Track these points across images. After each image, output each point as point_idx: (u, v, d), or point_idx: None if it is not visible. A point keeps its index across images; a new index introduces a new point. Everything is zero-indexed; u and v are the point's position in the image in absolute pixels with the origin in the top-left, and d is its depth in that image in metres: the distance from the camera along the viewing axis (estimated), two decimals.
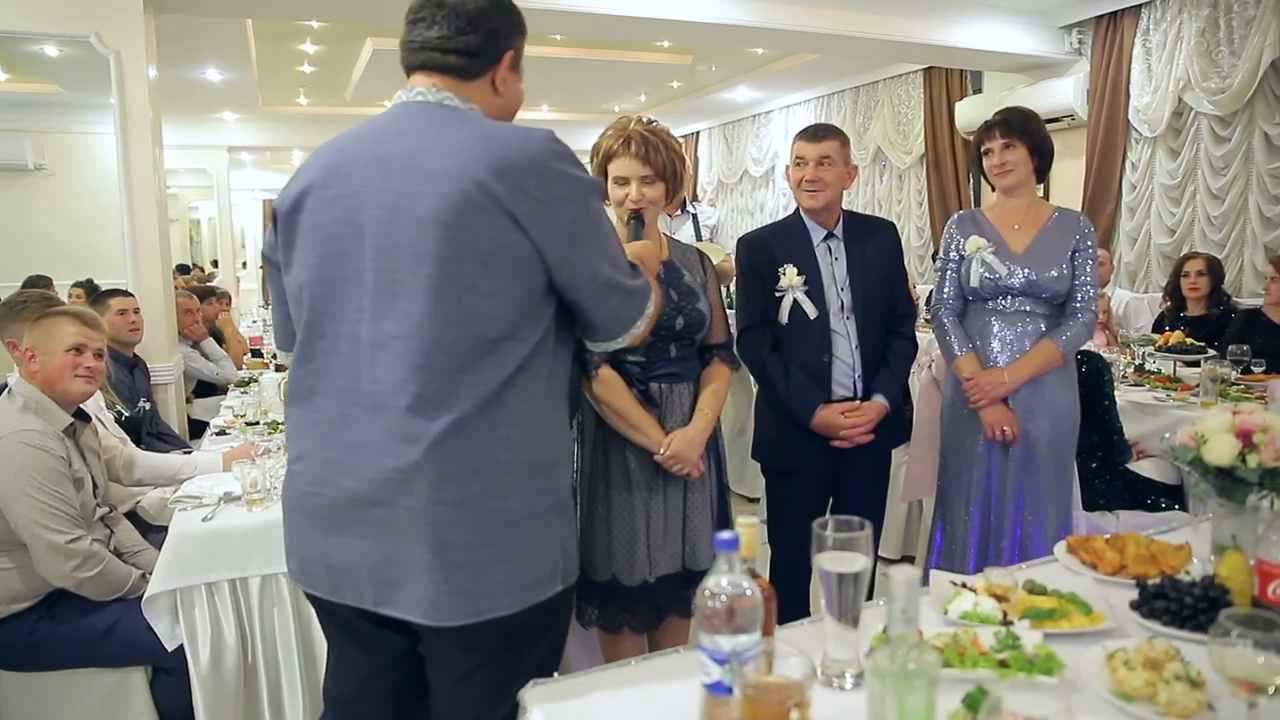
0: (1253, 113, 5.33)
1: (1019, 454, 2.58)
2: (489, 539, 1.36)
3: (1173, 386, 3.75)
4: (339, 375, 1.39)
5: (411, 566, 1.35)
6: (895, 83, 8.17)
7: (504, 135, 1.38)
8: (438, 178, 1.32)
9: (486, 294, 1.34)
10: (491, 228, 1.32)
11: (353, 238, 1.36)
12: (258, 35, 6.73)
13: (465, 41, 1.43)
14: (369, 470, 1.35)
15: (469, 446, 1.34)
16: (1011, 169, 2.61)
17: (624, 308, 1.48)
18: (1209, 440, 1.70)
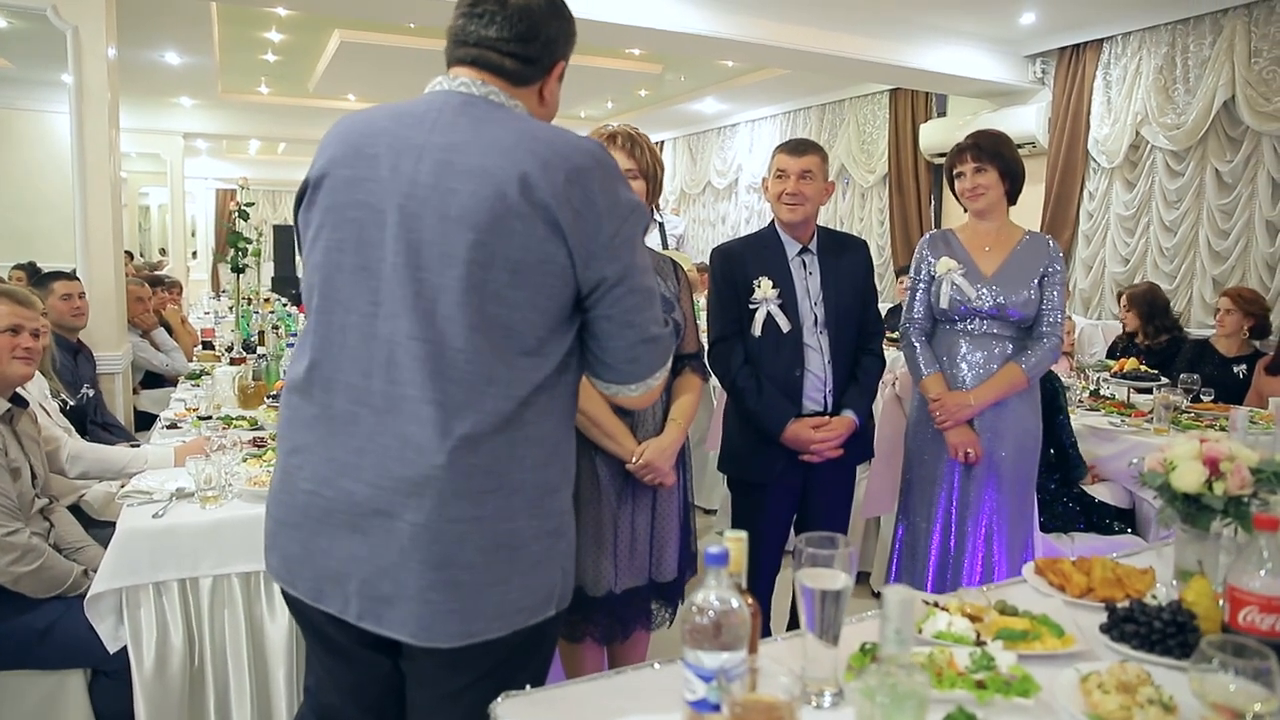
0: (1205, 149, 5.48)
1: (982, 474, 2.61)
2: (493, 560, 1.29)
3: (1127, 412, 3.82)
4: (347, 369, 1.31)
5: (408, 583, 1.27)
6: (861, 102, 8.26)
7: (550, 137, 1.30)
8: (475, 175, 1.25)
9: (513, 304, 1.26)
10: (527, 235, 1.24)
11: (374, 225, 1.29)
12: (221, 19, 6.58)
13: (524, 47, 1.36)
14: (374, 476, 1.28)
15: (485, 464, 1.27)
16: (983, 192, 2.64)
17: (645, 351, 1.37)
18: (1177, 467, 1.73)
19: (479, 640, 1.29)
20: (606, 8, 5.09)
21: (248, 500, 2.40)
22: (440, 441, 1.25)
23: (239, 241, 4.96)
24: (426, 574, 1.26)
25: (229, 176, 16.38)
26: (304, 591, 1.36)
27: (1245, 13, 5.18)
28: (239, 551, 2.29)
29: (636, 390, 1.41)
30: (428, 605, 1.26)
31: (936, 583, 2.64)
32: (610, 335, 1.35)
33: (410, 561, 1.26)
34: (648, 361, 1.38)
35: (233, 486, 2.44)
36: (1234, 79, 5.21)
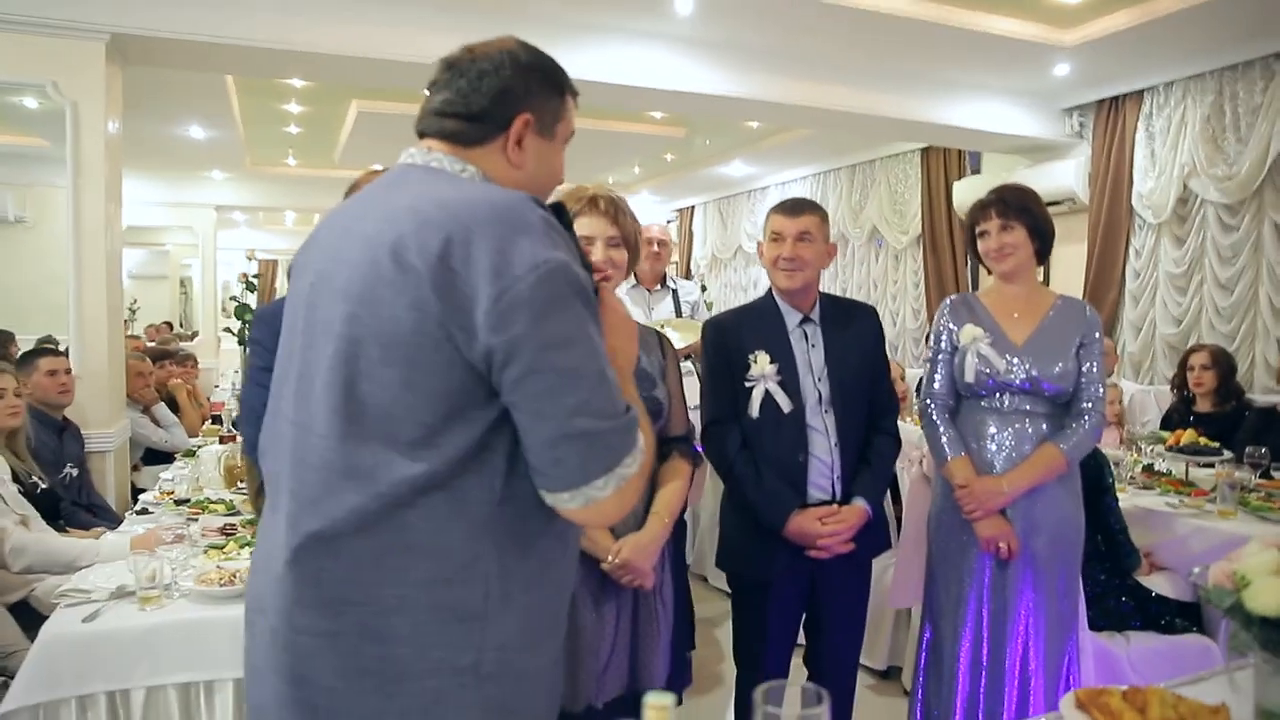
0: (1261, 201, 5.15)
1: (1017, 570, 2.28)
2: (357, 688, 1.10)
3: (1185, 491, 3.45)
4: (272, 460, 1.25)
5: (268, 694, 1.16)
6: (893, 161, 8.05)
7: (451, 196, 1.14)
8: (359, 243, 1.14)
9: (385, 384, 1.10)
10: (394, 304, 1.08)
11: (295, 312, 1.24)
12: (240, 93, 6.62)
13: (466, 105, 1.24)
14: (262, 574, 1.20)
15: (342, 572, 1.10)
16: (1011, 252, 2.36)
17: (569, 450, 1.09)
18: (1252, 584, 1.41)
19: None
20: (623, 70, 4.96)
21: (195, 601, 2.17)
22: (288, 535, 1.14)
23: (246, 314, 4.84)
24: (281, 688, 1.14)
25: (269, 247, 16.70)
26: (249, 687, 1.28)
27: None
28: (178, 659, 2.06)
29: (573, 501, 1.11)
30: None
31: (968, 699, 2.30)
32: (524, 429, 1.11)
33: (269, 669, 1.16)
34: (574, 464, 1.09)
35: (182, 585, 2.21)
36: None
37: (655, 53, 5.02)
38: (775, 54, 5.27)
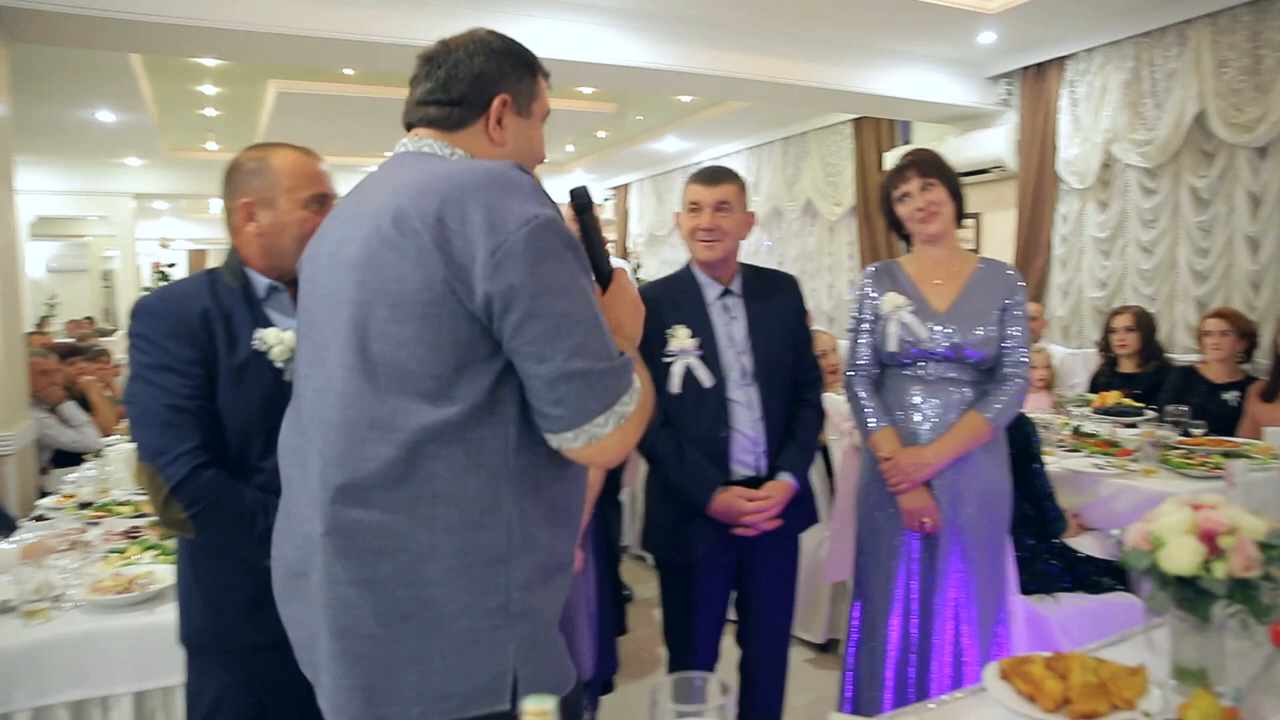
0: (1179, 165, 5.23)
1: (946, 541, 2.26)
2: (398, 633, 1.16)
3: (1111, 451, 3.49)
4: (289, 434, 1.34)
5: (319, 650, 1.22)
6: (825, 133, 8.04)
7: (447, 169, 1.24)
8: (362, 219, 1.24)
9: (398, 342, 1.17)
10: (400, 266, 1.17)
11: (309, 294, 1.32)
12: (150, 74, 6.33)
13: (445, 92, 1.35)
14: (298, 537, 1.26)
15: (375, 521, 1.17)
16: (937, 210, 2.31)
17: (570, 390, 1.16)
18: (1166, 544, 1.40)
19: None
20: (551, 44, 4.84)
21: (88, 612, 2.04)
22: (322, 492, 1.20)
23: None
24: (328, 642, 1.19)
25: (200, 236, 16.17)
26: (302, 661, 1.33)
27: (1210, 22, 4.95)
28: (67, 675, 1.94)
29: (576, 440, 1.18)
30: (333, 679, 1.19)
31: (898, 672, 2.28)
32: (525, 374, 1.19)
33: (318, 626, 1.21)
34: (574, 404, 1.17)
35: (71, 596, 2.09)
36: (1203, 91, 4.97)
37: (583, 26, 4.90)
38: (705, 25, 5.19)
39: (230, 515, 1.54)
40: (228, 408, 1.58)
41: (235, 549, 1.58)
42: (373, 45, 4.57)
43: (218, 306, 1.61)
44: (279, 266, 1.68)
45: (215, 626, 1.63)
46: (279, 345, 1.60)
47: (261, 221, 1.65)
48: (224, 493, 1.54)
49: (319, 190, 1.69)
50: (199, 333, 1.57)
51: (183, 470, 1.52)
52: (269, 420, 1.59)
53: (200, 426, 1.55)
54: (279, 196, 1.65)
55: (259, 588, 1.58)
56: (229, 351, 1.59)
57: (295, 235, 1.65)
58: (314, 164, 1.71)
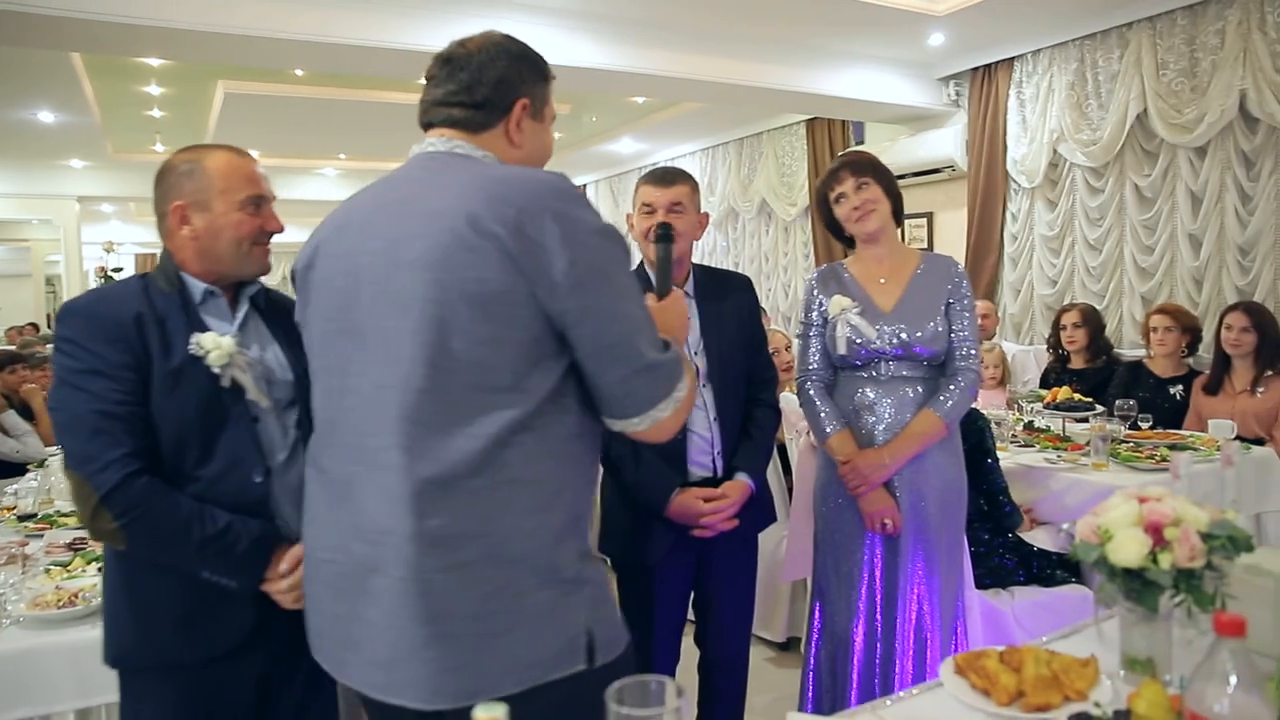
0: (1123, 164, 5.35)
1: (907, 539, 2.26)
2: (488, 610, 1.23)
3: (1063, 446, 3.56)
4: (347, 432, 1.32)
5: (404, 643, 1.23)
6: (779, 134, 8.10)
7: (505, 175, 1.32)
8: (428, 218, 1.26)
9: (479, 340, 1.24)
10: (480, 268, 1.22)
11: (352, 289, 1.32)
12: (92, 74, 6.18)
13: (470, 95, 1.40)
14: (370, 533, 1.27)
15: (464, 508, 1.23)
16: (873, 208, 2.33)
17: (638, 382, 1.32)
18: (1114, 537, 1.42)
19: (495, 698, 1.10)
20: None
21: (29, 627, 1.98)
22: (411, 488, 1.23)
23: None
24: (419, 630, 1.23)
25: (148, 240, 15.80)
26: (331, 664, 1.35)
27: (1149, 25, 5.07)
28: (7, 694, 1.87)
29: (642, 424, 1.35)
30: (427, 664, 1.23)
31: (863, 672, 2.29)
32: (598, 371, 1.30)
33: (402, 619, 1.23)
34: (644, 394, 1.33)
35: (11, 610, 2.02)
36: (1144, 92, 5.09)
37: (535, 27, 4.87)
38: (656, 27, 5.19)
39: (163, 525, 1.50)
40: (162, 414, 1.53)
41: (169, 560, 1.54)
42: (323, 46, 4.51)
43: (151, 310, 1.57)
44: (216, 270, 1.64)
45: (145, 643, 1.58)
46: (216, 350, 1.56)
47: (196, 225, 1.61)
48: (157, 502, 1.49)
49: (254, 192, 1.65)
50: (131, 336, 1.53)
51: (113, 478, 1.46)
52: (205, 427, 1.56)
53: (132, 433, 1.50)
54: (214, 199, 1.61)
55: (192, 600, 1.56)
56: (163, 356, 1.54)
57: (231, 238, 1.62)
58: (249, 165, 1.67)
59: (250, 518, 1.57)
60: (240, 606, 1.58)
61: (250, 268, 1.68)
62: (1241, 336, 3.90)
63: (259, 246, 1.67)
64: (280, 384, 1.68)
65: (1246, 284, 4.76)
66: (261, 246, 1.68)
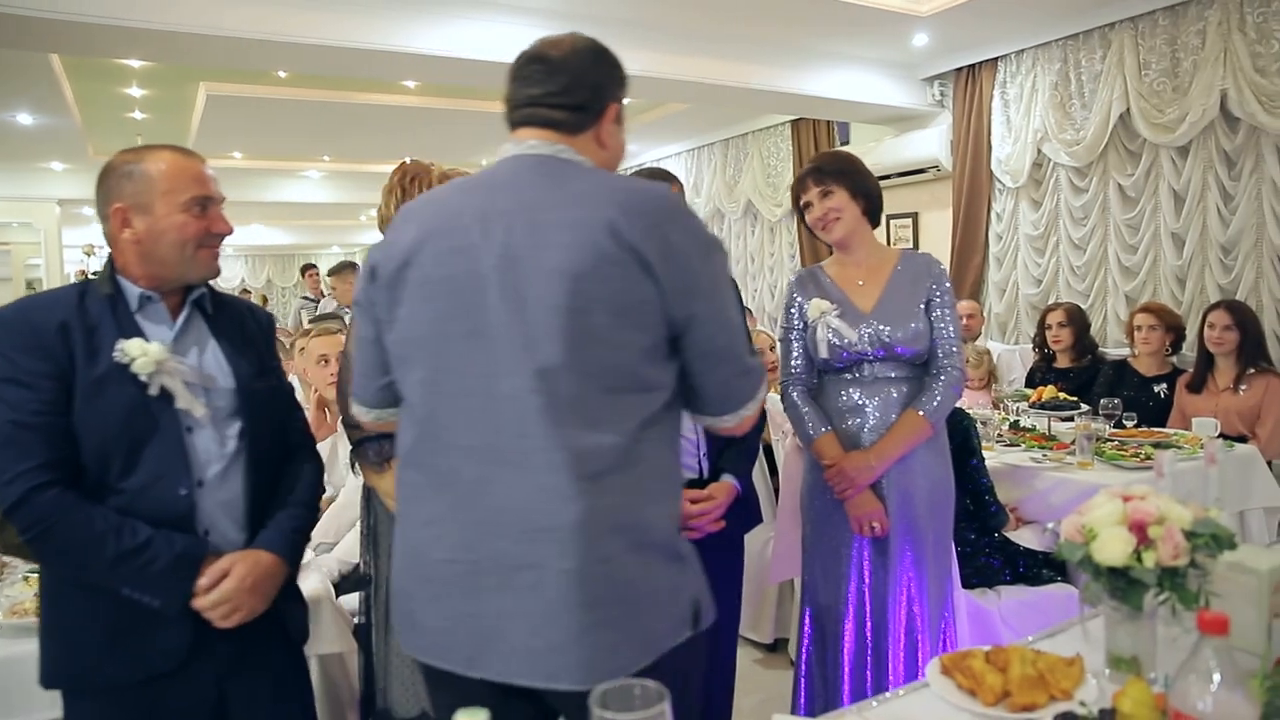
0: (1106, 164, 5.37)
1: (896, 540, 2.26)
2: (637, 593, 1.33)
3: (1048, 445, 3.57)
4: (471, 433, 1.34)
5: (567, 629, 1.29)
6: (764, 135, 8.11)
7: (626, 185, 1.40)
8: (565, 228, 1.31)
9: (617, 345, 1.33)
10: (623, 279, 1.31)
11: (476, 290, 1.33)
12: (73, 76, 6.13)
13: (569, 97, 1.43)
14: (519, 531, 1.31)
15: (617, 502, 1.32)
16: (837, 218, 2.32)
17: (737, 383, 1.45)
18: (1099, 536, 1.42)
19: (634, 671, 1.31)
20: (491, 47, 4.79)
21: (7, 635, 1.95)
22: (577, 487, 1.29)
23: None
24: (584, 617, 1.29)
25: None
26: (456, 662, 1.36)
27: (1131, 26, 5.10)
28: None
29: (731, 420, 1.48)
30: (589, 648, 1.29)
31: (855, 673, 2.29)
32: (705, 371, 1.41)
33: (565, 609, 1.29)
34: (741, 394, 1.46)
35: None
36: (1127, 92, 5.11)
37: (519, 29, 4.86)
38: (641, 27, 5.19)
39: (73, 540, 1.45)
40: (84, 424, 1.49)
41: (84, 576, 1.50)
42: (306, 47, 4.48)
43: (81, 317, 1.52)
44: (160, 274, 1.60)
45: (74, 664, 1.54)
46: (143, 357, 1.51)
47: (137, 228, 1.56)
48: (65, 516, 1.45)
49: (199, 193, 1.60)
50: (53, 345, 1.48)
51: (17, 492, 1.43)
52: (130, 437, 1.51)
53: (46, 444, 1.46)
54: (155, 201, 1.56)
55: (120, 618, 1.51)
56: (88, 364, 1.49)
57: (174, 240, 1.57)
58: (195, 165, 1.62)
59: (177, 533, 1.52)
60: (175, 623, 1.53)
61: (196, 271, 1.63)
62: (1224, 335, 3.92)
63: (205, 249, 1.62)
64: (221, 392, 1.63)
65: (1229, 282, 4.80)
66: (208, 249, 1.63)
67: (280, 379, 1.81)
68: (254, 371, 1.69)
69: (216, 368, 1.64)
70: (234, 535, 1.63)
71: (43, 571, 1.60)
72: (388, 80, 6.16)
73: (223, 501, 1.61)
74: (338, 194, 11.67)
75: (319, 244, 18.87)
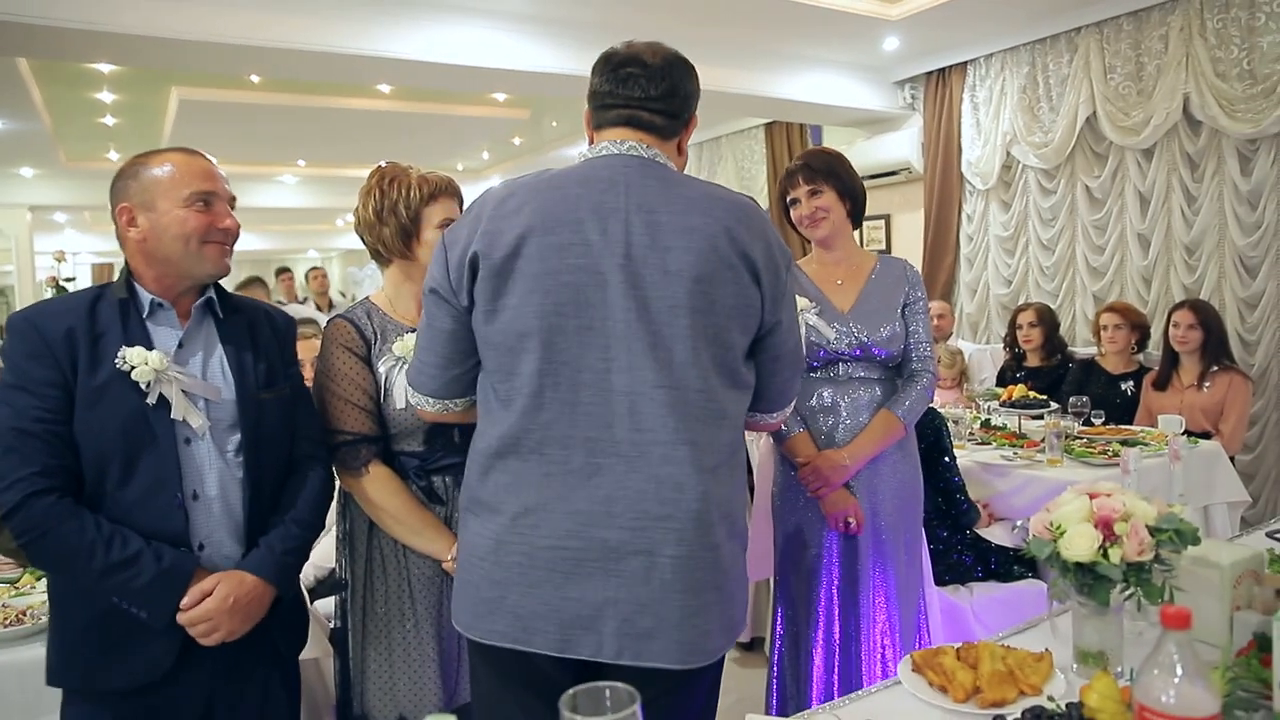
0: (1074, 166, 5.46)
1: (866, 540, 2.28)
2: (727, 580, 1.44)
3: (1019, 443, 3.62)
4: (583, 425, 1.38)
5: (670, 614, 1.37)
6: (738, 138, 8.15)
7: (730, 195, 1.49)
8: (685, 232, 1.38)
9: (728, 345, 1.43)
10: (737, 282, 1.41)
11: (593, 286, 1.37)
12: (41, 80, 6.05)
13: (669, 104, 1.49)
14: (630, 519, 1.36)
15: (725, 493, 1.43)
16: (823, 217, 2.35)
17: (792, 381, 1.62)
18: (1066, 532, 1.46)
19: (718, 657, 1.46)
20: (460, 50, 4.79)
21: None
22: (697, 478, 1.38)
23: None
24: (688, 602, 1.37)
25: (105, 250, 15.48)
26: (547, 644, 1.39)
27: (1097, 30, 5.19)
28: None
29: (779, 415, 1.66)
30: (691, 630, 1.37)
31: (825, 674, 2.31)
32: (776, 371, 1.55)
33: (672, 593, 1.36)
34: (793, 391, 1.66)
35: None
36: (1093, 95, 5.20)
37: (493, 32, 4.87)
38: (614, 31, 5.12)
39: (65, 548, 1.45)
40: (84, 431, 1.49)
41: (76, 583, 1.50)
42: (278, 51, 4.45)
43: (89, 324, 1.52)
44: (167, 274, 1.59)
45: (74, 667, 1.54)
46: (143, 365, 1.51)
47: (142, 226, 1.56)
48: (59, 523, 1.45)
49: (202, 187, 1.58)
50: (59, 352, 1.48)
51: (15, 497, 1.43)
52: (127, 446, 1.51)
53: (47, 451, 1.46)
54: (157, 198, 1.56)
55: (114, 625, 1.51)
56: (90, 371, 1.49)
57: (176, 235, 1.56)
58: (200, 163, 1.61)
59: (168, 546, 1.52)
60: (164, 635, 1.53)
61: (203, 268, 1.62)
62: (1189, 333, 4.00)
63: (211, 245, 1.60)
64: (222, 403, 1.62)
65: (1193, 282, 4.89)
66: (215, 245, 1.61)
67: (297, 386, 1.79)
68: (261, 381, 1.67)
69: (220, 377, 1.63)
70: (231, 549, 1.62)
71: (49, 576, 1.60)
72: (362, 84, 6.14)
73: (220, 514, 1.60)
74: (313, 199, 11.59)
75: (295, 249, 18.73)
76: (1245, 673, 1.30)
